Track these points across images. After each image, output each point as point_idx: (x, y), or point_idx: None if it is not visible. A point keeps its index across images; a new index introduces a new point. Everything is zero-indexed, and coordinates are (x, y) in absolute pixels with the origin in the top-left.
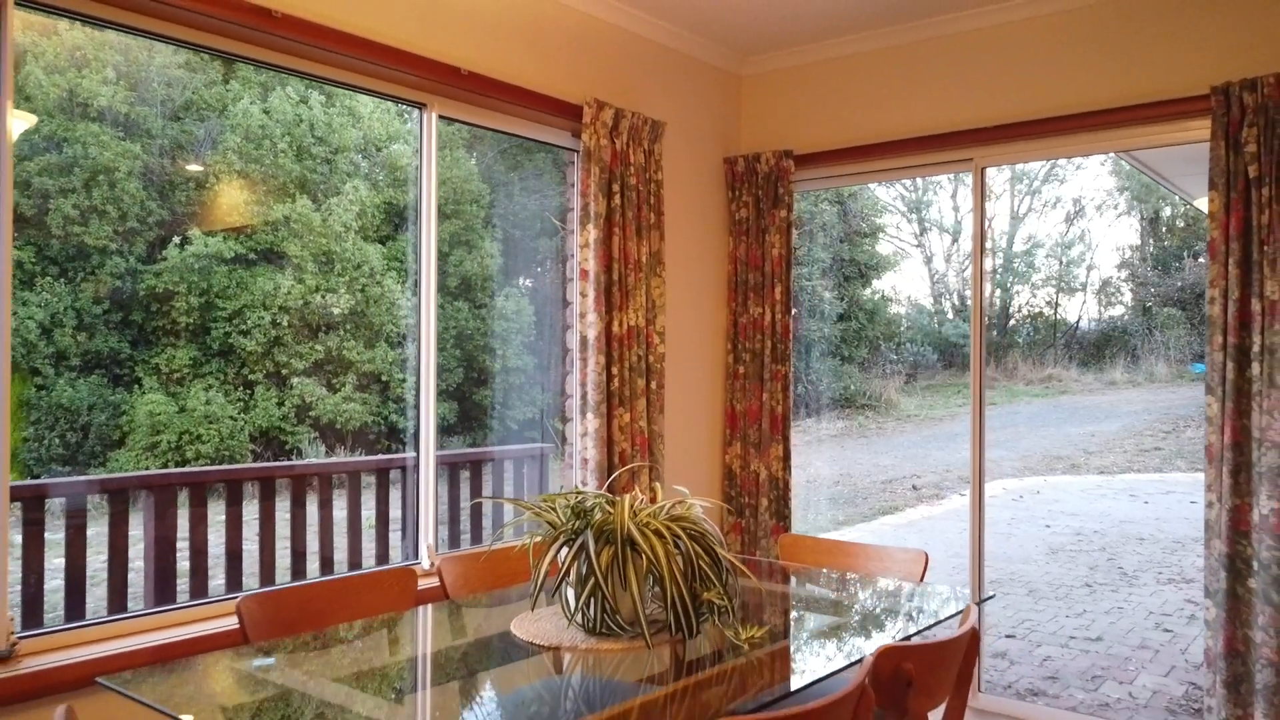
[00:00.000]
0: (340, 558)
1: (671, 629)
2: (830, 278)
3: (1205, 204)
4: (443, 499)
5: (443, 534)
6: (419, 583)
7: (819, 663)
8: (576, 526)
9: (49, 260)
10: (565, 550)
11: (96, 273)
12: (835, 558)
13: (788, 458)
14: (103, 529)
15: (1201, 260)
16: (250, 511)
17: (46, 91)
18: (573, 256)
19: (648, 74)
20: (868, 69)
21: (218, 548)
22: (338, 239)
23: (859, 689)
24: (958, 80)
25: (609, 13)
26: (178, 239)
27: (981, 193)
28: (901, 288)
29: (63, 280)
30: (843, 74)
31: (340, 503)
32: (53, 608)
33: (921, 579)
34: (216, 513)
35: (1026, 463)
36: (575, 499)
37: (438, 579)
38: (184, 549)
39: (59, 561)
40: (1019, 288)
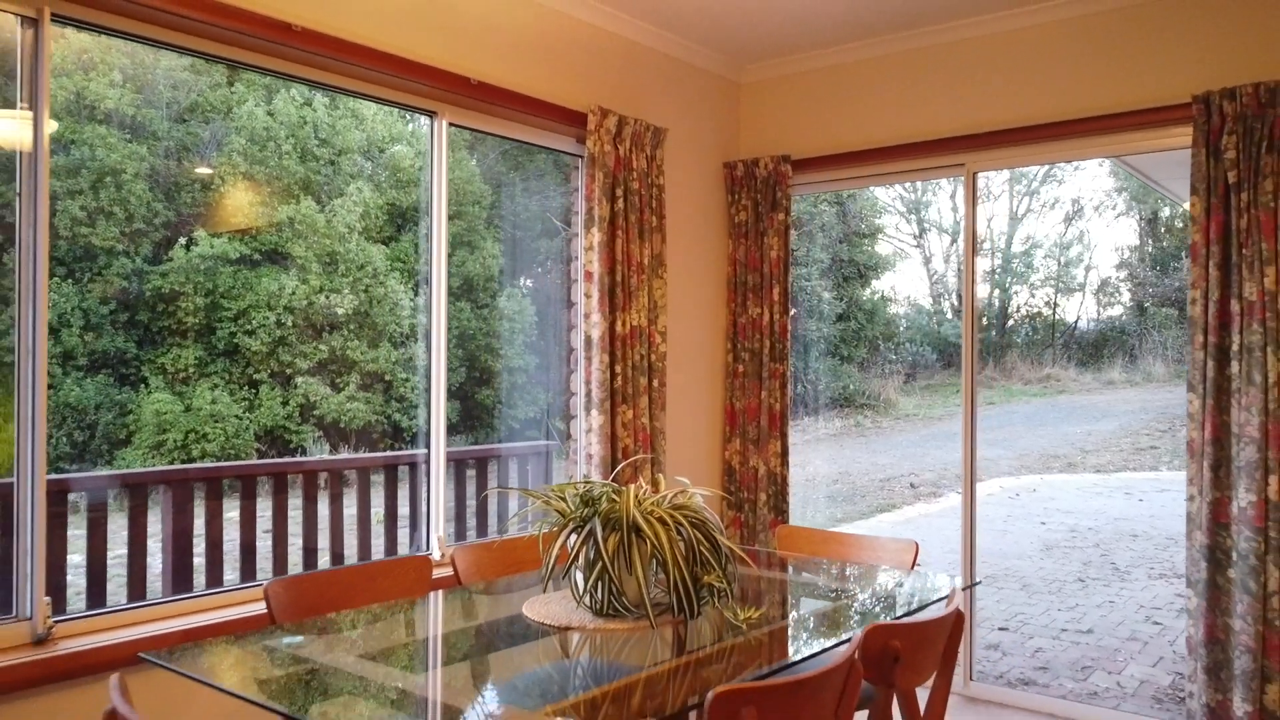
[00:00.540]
0: (350, 554)
1: (674, 610)
2: (829, 278)
3: None
4: (449, 495)
5: (449, 529)
6: (433, 572)
7: (812, 641)
8: (585, 514)
9: (56, 261)
10: (574, 537)
11: (103, 273)
12: (830, 547)
13: (786, 454)
14: (122, 522)
15: None
16: (264, 507)
17: (54, 94)
18: (577, 258)
19: (650, 82)
20: (863, 76)
21: (231, 541)
22: (341, 240)
23: (848, 662)
24: (950, 88)
25: (613, 23)
26: (184, 240)
27: (973, 197)
28: (900, 288)
29: (70, 281)
30: (839, 81)
31: (350, 499)
32: (71, 599)
33: (912, 567)
34: (230, 508)
35: (1024, 461)
36: (584, 488)
37: (451, 569)
38: (199, 542)
39: (77, 555)
40: (1017, 288)
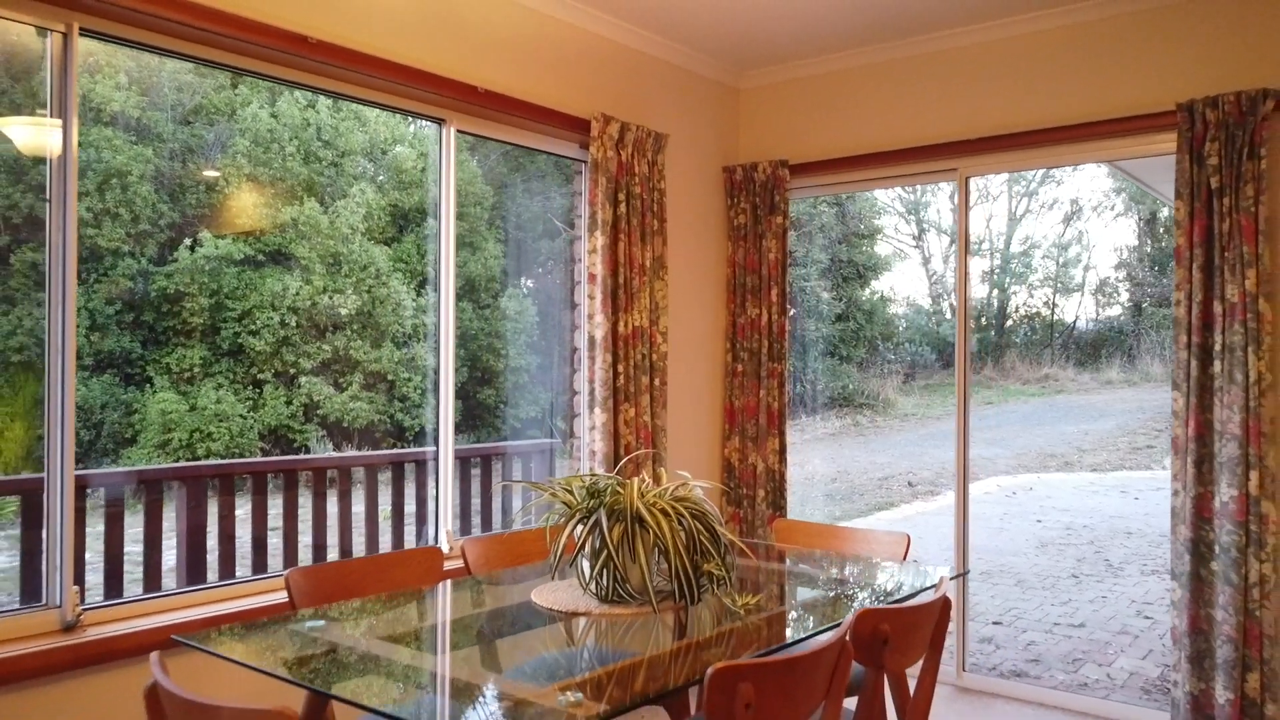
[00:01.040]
0: (358, 550)
1: (675, 596)
2: (829, 278)
3: None
4: (455, 491)
5: (455, 525)
6: (443, 563)
7: (807, 625)
8: (591, 505)
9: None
10: (580, 527)
11: (109, 274)
12: (826, 540)
13: (784, 451)
14: (138, 517)
15: None
16: (274, 504)
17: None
18: (581, 261)
19: (651, 88)
20: (859, 83)
21: (244, 537)
22: (345, 241)
23: (839, 643)
24: (943, 95)
25: (615, 32)
26: (188, 241)
27: (965, 202)
28: (900, 288)
29: (77, 281)
30: (835, 88)
31: (358, 497)
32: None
33: (904, 558)
34: (242, 504)
35: (1021, 460)
36: (590, 481)
37: (459, 561)
38: (212, 537)
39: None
40: (1016, 288)
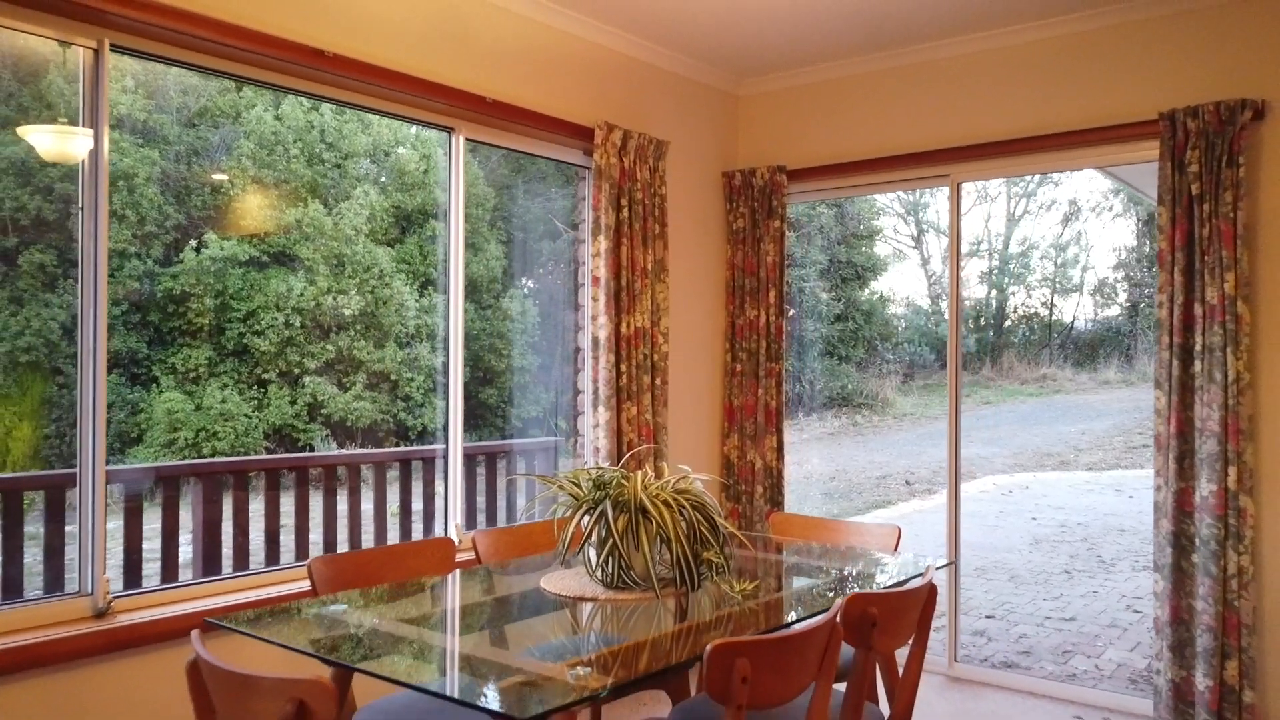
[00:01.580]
0: (368, 545)
1: (677, 583)
2: (828, 279)
3: None
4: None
5: (461, 521)
6: (455, 554)
7: (801, 609)
8: (597, 497)
9: (70, 263)
10: (587, 518)
11: (116, 275)
12: (821, 532)
13: (781, 449)
14: (156, 512)
15: None
16: (287, 501)
17: (68, 99)
18: (585, 264)
19: (653, 96)
20: (854, 91)
21: (257, 531)
22: (348, 242)
23: (830, 624)
24: (936, 103)
25: (618, 42)
26: (194, 242)
27: (958, 207)
28: (899, 289)
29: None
30: (831, 95)
31: (367, 494)
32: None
33: (895, 549)
34: (255, 499)
35: (1018, 459)
36: (596, 474)
37: (470, 553)
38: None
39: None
40: (1014, 289)
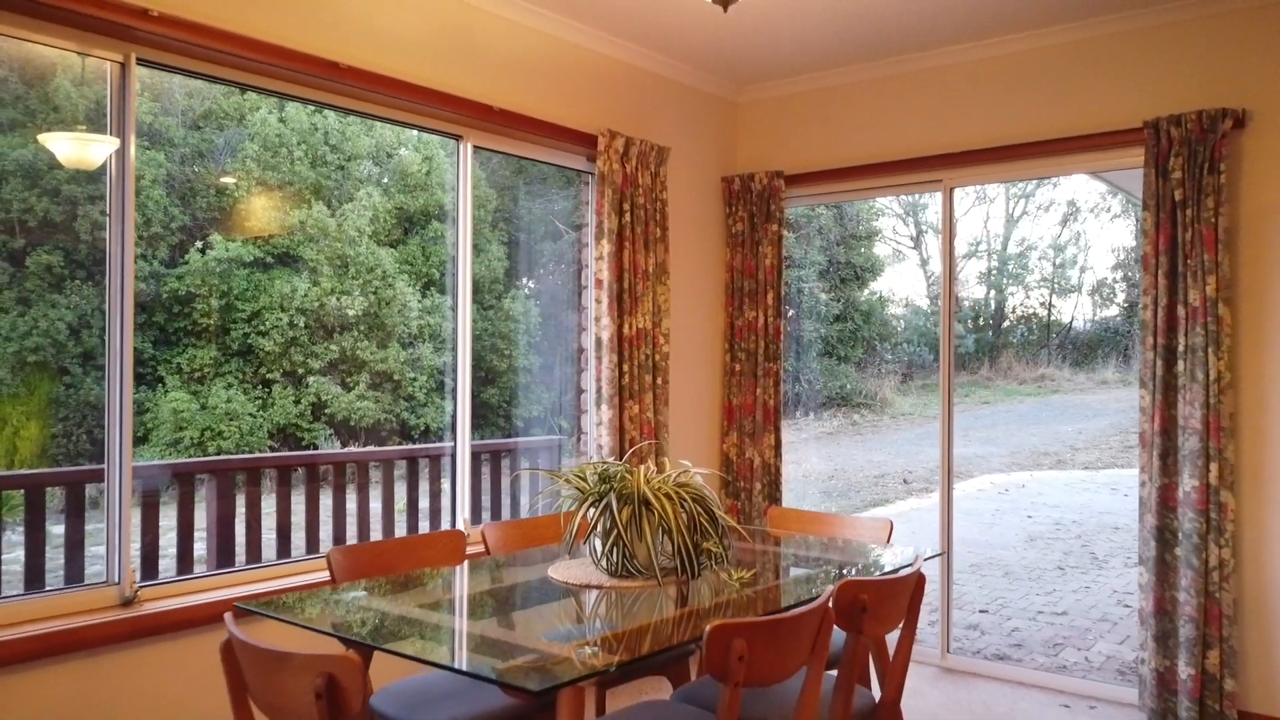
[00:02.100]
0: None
1: (678, 571)
2: (827, 280)
3: None
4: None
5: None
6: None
7: (795, 595)
8: (602, 490)
9: (77, 264)
10: (593, 510)
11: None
12: (816, 526)
13: (779, 446)
14: (170, 508)
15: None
16: (298, 497)
17: (75, 103)
18: (588, 267)
19: (654, 104)
20: (850, 98)
21: (269, 526)
22: (351, 243)
23: (822, 608)
24: (929, 110)
25: (621, 52)
26: (199, 244)
27: (951, 211)
28: (898, 289)
29: (90, 283)
30: (828, 102)
31: (375, 492)
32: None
33: (887, 542)
34: (266, 496)
35: (1015, 458)
36: (601, 467)
37: (482, 545)
38: (240, 526)
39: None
40: (1013, 289)
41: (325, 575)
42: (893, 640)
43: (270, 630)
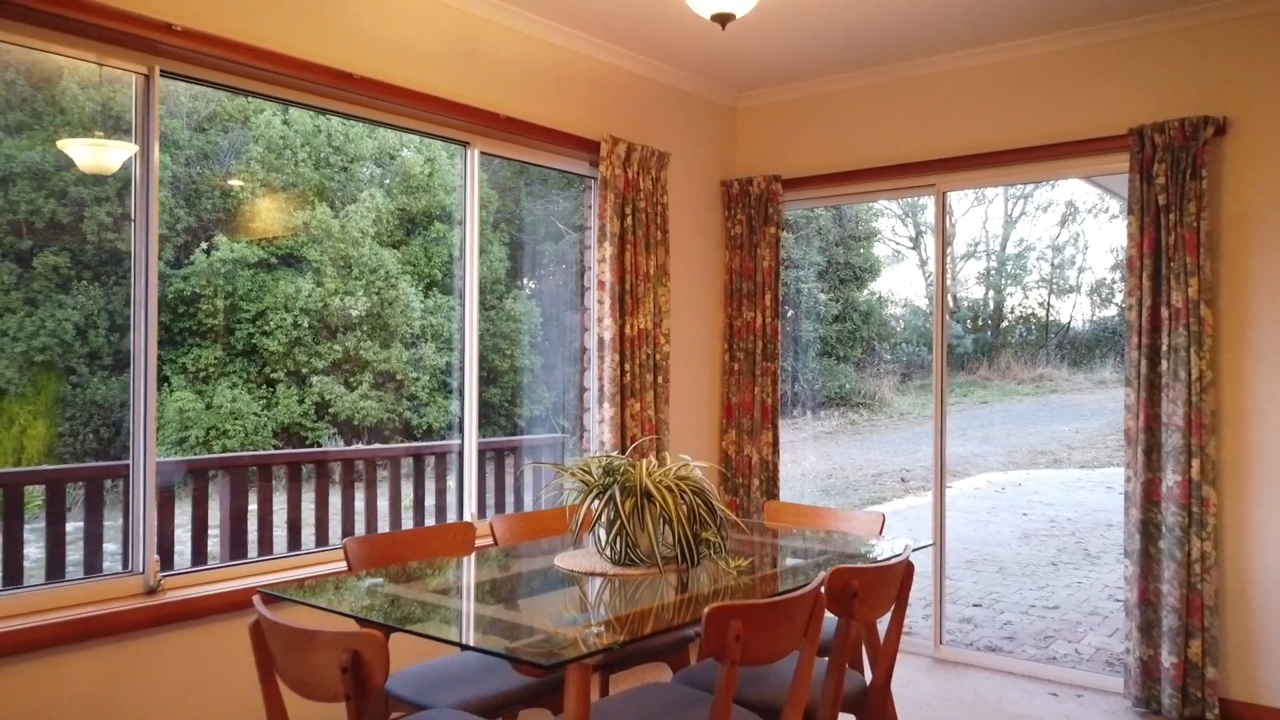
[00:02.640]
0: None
1: (678, 560)
2: (826, 280)
3: None
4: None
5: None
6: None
7: (790, 583)
8: (606, 482)
9: (83, 265)
10: (597, 502)
11: (128, 277)
12: (812, 519)
13: (776, 443)
14: (185, 503)
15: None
16: (308, 492)
17: (81, 105)
18: (591, 269)
19: (655, 110)
20: (847, 105)
21: (280, 521)
22: (355, 244)
23: (815, 592)
24: (923, 116)
25: (623, 60)
26: (204, 245)
27: (943, 215)
28: (897, 289)
29: (96, 284)
30: (825, 108)
31: (383, 489)
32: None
33: (880, 534)
34: (278, 490)
35: (1012, 457)
36: (605, 461)
37: (489, 537)
38: (252, 520)
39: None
40: (1011, 289)
41: (336, 566)
42: (884, 627)
43: (291, 614)
